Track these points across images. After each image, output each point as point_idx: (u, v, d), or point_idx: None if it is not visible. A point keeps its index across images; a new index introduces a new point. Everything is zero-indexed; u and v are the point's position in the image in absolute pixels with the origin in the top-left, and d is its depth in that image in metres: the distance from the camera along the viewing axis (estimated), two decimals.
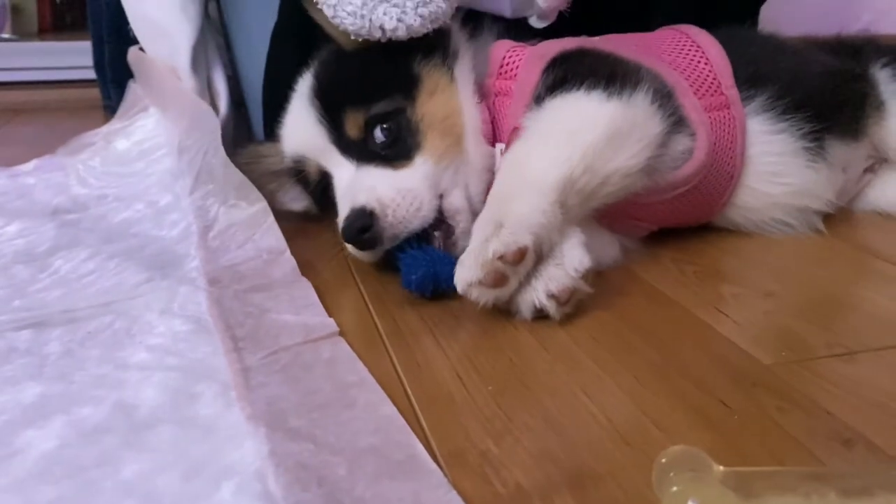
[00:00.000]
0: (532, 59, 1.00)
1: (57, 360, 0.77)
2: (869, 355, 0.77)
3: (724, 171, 1.03)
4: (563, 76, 0.95)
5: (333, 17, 0.92)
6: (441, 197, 0.94)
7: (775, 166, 1.06)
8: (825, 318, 0.86)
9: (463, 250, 0.90)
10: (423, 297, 0.90)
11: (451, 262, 0.88)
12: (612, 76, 0.94)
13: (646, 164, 0.92)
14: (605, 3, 1.12)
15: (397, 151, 0.95)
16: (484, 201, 0.94)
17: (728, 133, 1.03)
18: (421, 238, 0.93)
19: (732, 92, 1.05)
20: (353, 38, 0.94)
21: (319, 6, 0.93)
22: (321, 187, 1.03)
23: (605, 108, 0.91)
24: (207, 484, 0.57)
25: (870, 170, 1.22)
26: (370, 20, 0.91)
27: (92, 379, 0.73)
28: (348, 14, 0.91)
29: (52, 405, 0.68)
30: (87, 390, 0.71)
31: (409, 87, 0.97)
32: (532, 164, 0.87)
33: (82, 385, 0.72)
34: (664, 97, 0.96)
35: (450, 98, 0.98)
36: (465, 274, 0.81)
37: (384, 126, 0.96)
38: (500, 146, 0.98)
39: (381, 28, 0.91)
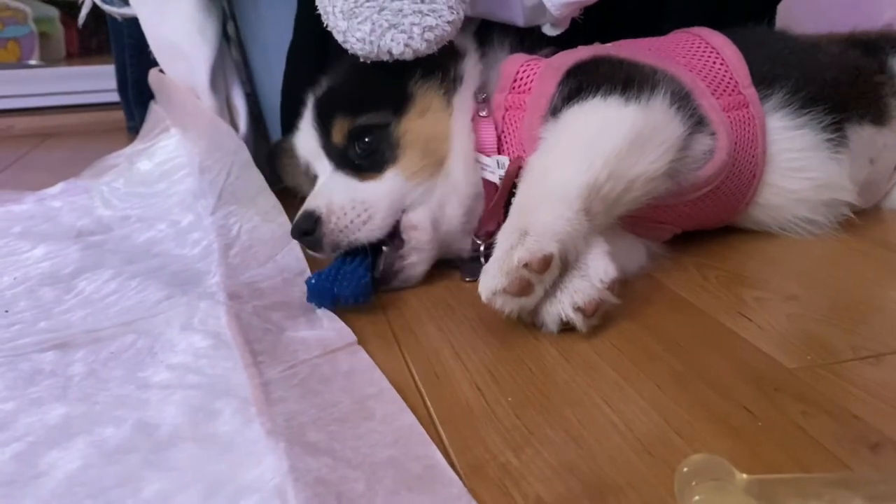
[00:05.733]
0: (547, 71, 1.00)
1: (81, 380, 0.78)
2: (895, 358, 0.75)
3: (746, 170, 1.02)
4: (579, 86, 0.95)
5: (343, 42, 0.95)
6: (403, 212, 0.97)
7: (797, 162, 1.05)
8: (850, 321, 0.84)
9: (412, 266, 0.96)
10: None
11: (358, 279, 0.91)
12: (628, 81, 0.93)
13: (669, 168, 0.91)
14: (618, 10, 1.11)
15: (371, 163, 0.99)
16: (463, 225, 0.99)
17: (748, 132, 1.02)
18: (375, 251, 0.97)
19: (750, 91, 1.04)
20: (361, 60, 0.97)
21: (329, 29, 0.96)
22: None
23: (624, 113, 0.91)
24: (227, 502, 0.58)
25: None
26: (378, 45, 0.93)
27: (114, 399, 0.74)
28: (357, 40, 0.94)
29: (76, 426, 0.69)
30: (110, 410, 0.71)
31: (399, 103, 1.00)
32: (555, 173, 0.87)
33: (105, 405, 0.72)
34: (682, 99, 0.95)
35: (439, 121, 1.00)
36: (490, 282, 0.80)
37: (366, 137, 0.99)
38: (497, 158, 0.99)
39: (389, 52, 0.94)
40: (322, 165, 1.03)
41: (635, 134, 0.88)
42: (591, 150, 0.87)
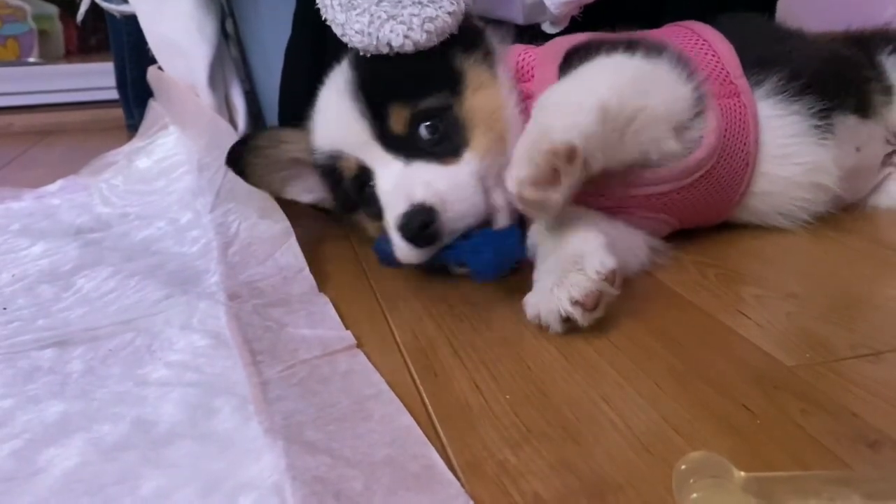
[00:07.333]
0: (546, 57, 1.01)
1: (79, 378, 0.78)
2: (894, 356, 0.75)
3: (738, 157, 1.03)
4: (580, 62, 0.96)
5: (342, 35, 0.94)
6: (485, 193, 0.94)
7: (788, 148, 1.06)
8: (849, 319, 0.84)
9: None
10: (503, 276, 0.90)
11: (512, 234, 0.90)
12: (631, 46, 0.97)
13: (674, 120, 0.94)
14: (617, 7, 1.11)
15: (445, 148, 0.94)
16: None
17: (739, 121, 1.03)
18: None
19: (741, 81, 1.05)
20: (361, 53, 0.96)
21: (328, 22, 0.95)
22: (358, 183, 1.00)
23: (629, 60, 0.95)
24: (225, 499, 0.58)
25: (890, 161, 1.21)
26: (377, 38, 0.92)
27: (112, 396, 0.74)
28: (356, 32, 0.92)
29: (74, 423, 0.69)
30: (108, 408, 0.71)
31: (454, 82, 0.96)
32: (567, 97, 0.88)
33: (103, 402, 0.72)
34: (688, 68, 0.99)
35: (493, 94, 0.97)
36: (518, 171, 0.80)
37: (430, 122, 0.94)
38: None
39: (389, 44, 0.92)
40: (377, 157, 0.96)
41: (640, 74, 0.94)
42: (598, 79, 0.92)
